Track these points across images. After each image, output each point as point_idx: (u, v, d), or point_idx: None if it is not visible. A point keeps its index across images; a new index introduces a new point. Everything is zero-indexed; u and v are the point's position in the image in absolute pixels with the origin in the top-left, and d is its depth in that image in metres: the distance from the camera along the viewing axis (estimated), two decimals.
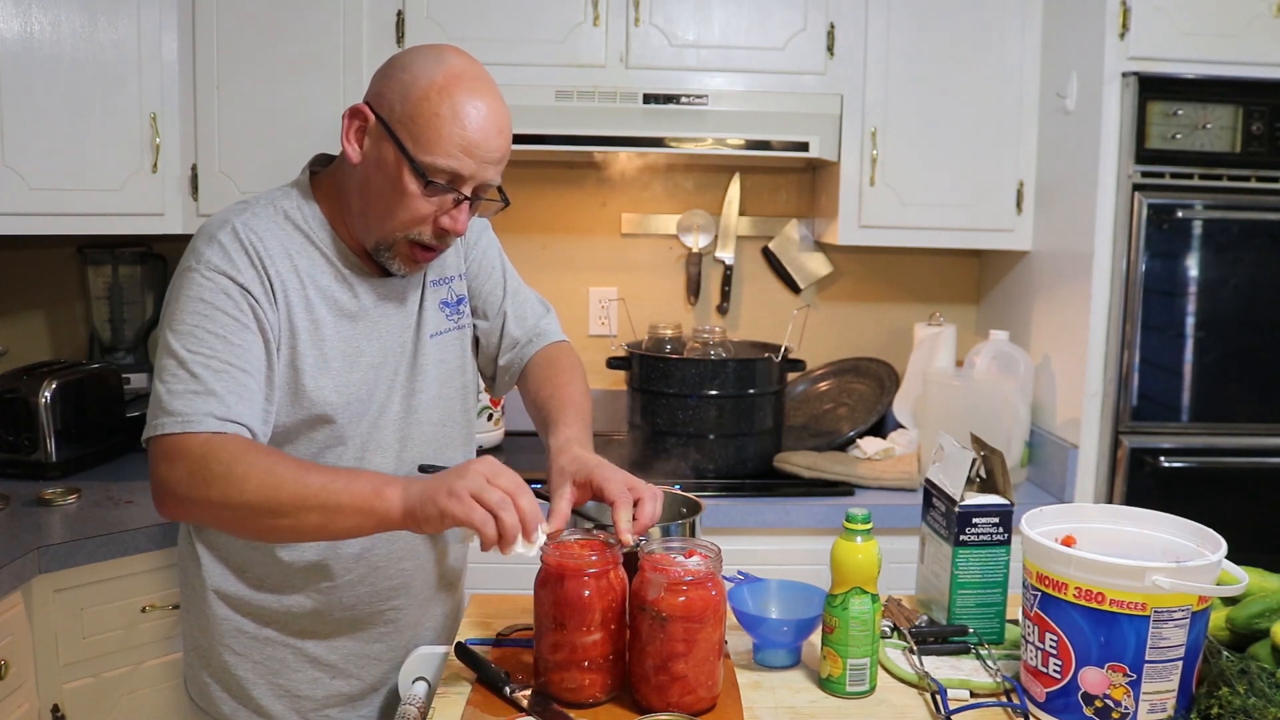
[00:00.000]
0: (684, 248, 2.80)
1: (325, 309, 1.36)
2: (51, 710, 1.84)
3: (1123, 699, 1.15)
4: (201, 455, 1.20)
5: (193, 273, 1.29)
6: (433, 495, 1.16)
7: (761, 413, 2.39)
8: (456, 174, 1.29)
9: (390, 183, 1.31)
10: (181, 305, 1.28)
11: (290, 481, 1.19)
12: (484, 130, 1.29)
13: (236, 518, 1.22)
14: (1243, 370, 2.21)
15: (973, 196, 2.46)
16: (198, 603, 1.43)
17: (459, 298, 1.54)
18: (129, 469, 2.34)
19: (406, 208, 1.31)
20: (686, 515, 1.49)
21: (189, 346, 1.25)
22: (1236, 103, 2.15)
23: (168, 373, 1.25)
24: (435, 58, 1.31)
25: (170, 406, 1.23)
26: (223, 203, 2.31)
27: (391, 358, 1.43)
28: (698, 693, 1.22)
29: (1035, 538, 1.22)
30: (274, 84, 2.32)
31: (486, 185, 1.34)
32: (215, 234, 1.32)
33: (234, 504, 1.19)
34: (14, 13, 2.06)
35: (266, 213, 1.36)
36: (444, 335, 1.51)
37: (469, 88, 1.29)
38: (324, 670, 1.44)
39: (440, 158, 1.28)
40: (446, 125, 1.27)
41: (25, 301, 2.67)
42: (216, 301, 1.27)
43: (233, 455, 1.21)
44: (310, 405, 1.34)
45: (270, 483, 1.18)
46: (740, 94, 2.38)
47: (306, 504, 1.18)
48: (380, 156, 1.32)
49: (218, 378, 1.24)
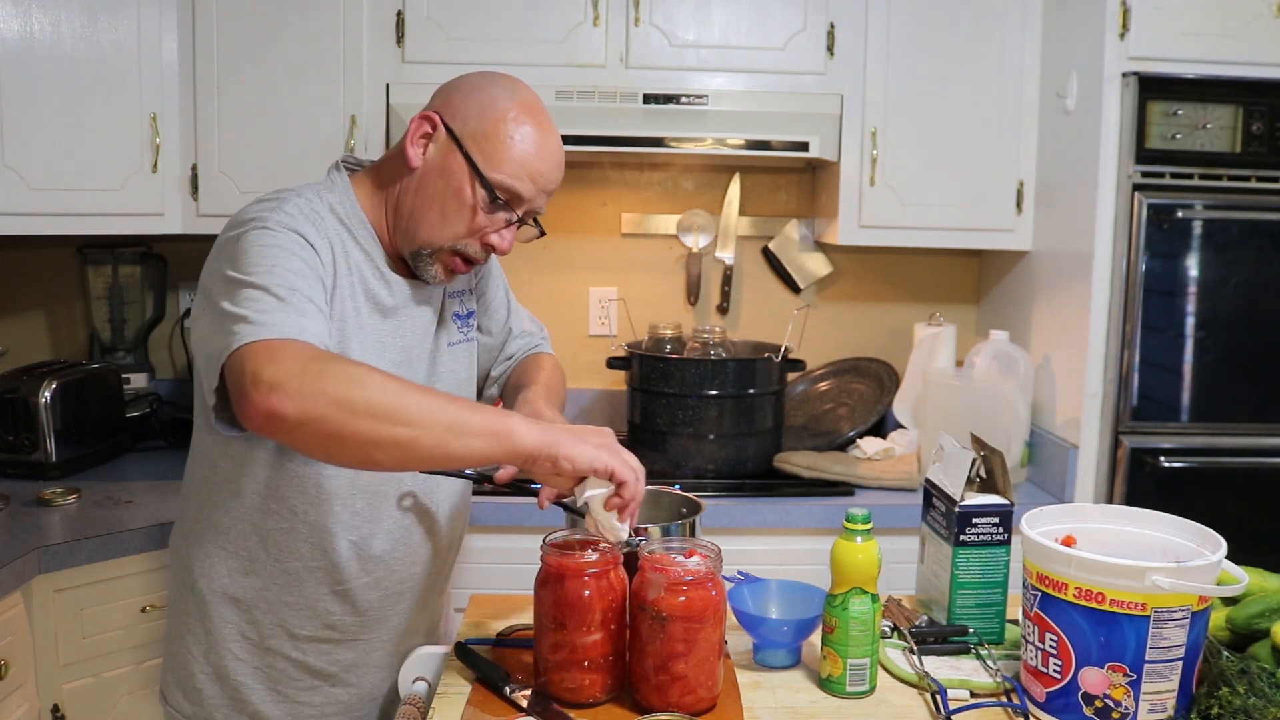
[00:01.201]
0: (684, 248, 2.80)
1: (364, 298, 1.38)
2: (51, 710, 1.84)
3: (1123, 699, 1.15)
4: (313, 354, 1.13)
5: (260, 228, 1.24)
6: (578, 438, 1.18)
7: (761, 413, 2.39)
8: (517, 195, 1.35)
9: (453, 192, 1.34)
10: (253, 253, 1.21)
11: (414, 391, 1.14)
12: (549, 161, 1.37)
13: (352, 419, 1.09)
14: (1243, 370, 2.21)
15: (973, 196, 2.46)
16: (197, 607, 1.43)
17: (469, 311, 1.59)
18: (129, 469, 2.34)
19: (463, 218, 1.35)
20: (686, 515, 1.49)
21: (272, 280, 1.18)
22: (1236, 103, 2.15)
23: (248, 300, 1.16)
24: (511, 86, 1.38)
25: (261, 320, 1.14)
26: (223, 203, 2.32)
27: (412, 360, 1.44)
28: (698, 693, 1.22)
29: (1035, 538, 1.22)
30: (274, 84, 2.32)
31: (534, 212, 1.40)
32: (277, 203, 1.30)
33: (354, 402, 1.08)
34: (14, 13, 2.06)
35: (315, 201, 1.36)
36: (458, 346, 1.55)
37: (540, 120, 1.36)
38: (323, 679, 1.44)
39: (508, 177, 1.34)
40: (519, 148, 1.34)
41: (25, 301, 2.67)
42: (291, 248, 1.24)
43: (345, 359, 1.17)
44: None
45: (394, 387, 1.12)
46: (740, 94, 2.38)
47: (433, 415, 1.11)
48: (445, 165, 1.35)
49: (303, 308, 1.18)
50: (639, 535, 1.35)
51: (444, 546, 1.53)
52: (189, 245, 2.63)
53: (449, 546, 1.56)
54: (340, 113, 2.32)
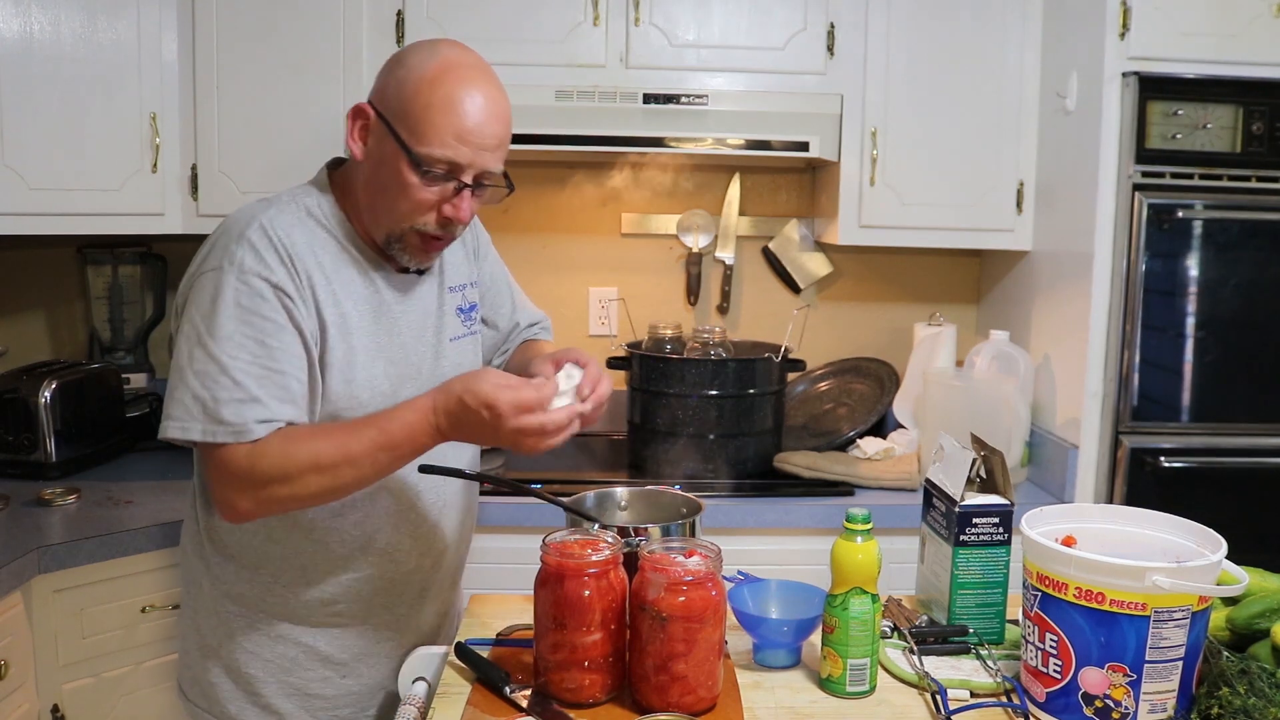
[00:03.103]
0: (684, 248, 2.80)
1: (350, 304, 1.38)
2: (51, 710, 1.84)
3: (1123, 699, 1.15)
4: (249, 465, 1.26)
5: (225, 274, 1.30)
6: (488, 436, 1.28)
7: (761, 413, 2.39)
8: (454, 162, 1.32)
9: (392, 176, 1.33)
10: (218, 309, 1.29)
11: (347, 438, 1.28)
12: (477, 117, 1.31)
13: (303, 499, 1.30)
14: (1243, 370, 2.21)
15: (973, 196, 2.46)
16: (207, 602, 1.43)
17: (471, 304, 1.59)
18: (129, 469, 2.34)
19: (408, 198, 1.33)
20: (686, 515, 1.49)
21: (230, 352, 1.27)
22: (1236, 103, 2.15)
23: (210, 378, 1.27)
24: (429, 51, 1.34)
25: (221, 415, 1.26)
26: (223, 202, 2.32)
27: (413, 357, 1.45)
28: (698, 693, 1.22)
29: (1035, 538, 1.22)
30: (274, 84, 2.32)
31: (488, 172, 1.36)
32: (244, 232, 1.32)
33: (297, 488, 1.27)
34: (14, 13, 2.06)
35: (290, 209, 1.37)
36: (461, 340, 1.55)
37: (461, 77, 1.31)
38: (334, 669, 1.45)
39: (435, 147, 1.30)
40: (439, 115, 1.30)
41: (25, 301, 2.67)
42: (252, 305, 1.29)
43: (277, 451, 1.27)
44: (334, 402, 1.36)
45: (328, 448, 1.27)
46: (740, 94, 2.38)
47: (368, 454, 1.28)
48: (382, 151, 1.34)
49: (259, 383, 1.28)
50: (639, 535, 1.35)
51: (454, 540, 1.54)
52: (189, 245, 2.59)
53: (460, 540, 1.57)
54: (340, 112, 2.32)
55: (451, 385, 1.28)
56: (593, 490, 1.57)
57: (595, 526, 1.38)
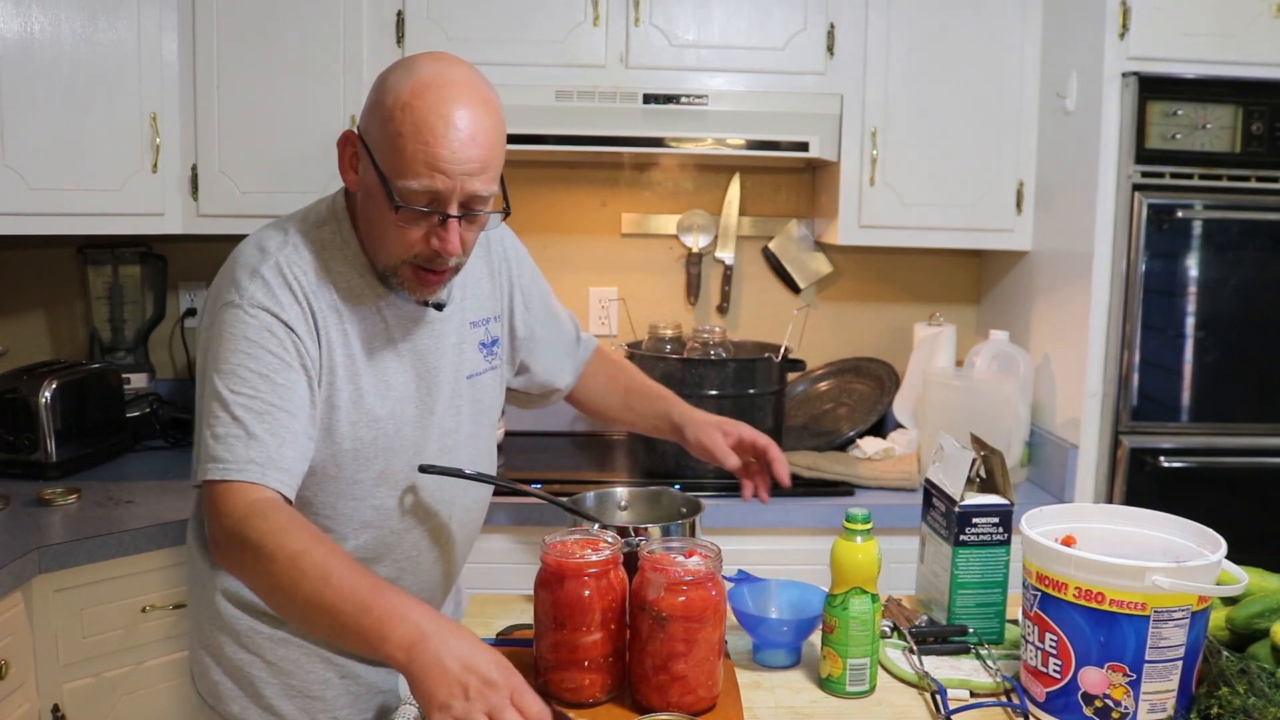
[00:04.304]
0: (684, 248, 2.80)
1: (360, 342, 1.34)
2: (51, 710, 1.84)
3: (1123, 699, 1.15)
4: (244, 516, 1.18)
5: (236, 309, 1.27)
6: (441, 696, 1.02)
7: (761, 413, 2.38)
8: (434, 192, 1.23)
9: (378, 209, 1.27)
10: (225, 344, 1.26)
11: (308, 584, 1.12)
12: (451, 143, 1.21)
13: (261, 591, 1.22)
14: (1243, 370, 2.21)
15: (973, 196, 2.46)
16: (209, 603, 1.43)
17: (494, 339, 1.53)
18: (129, 469, 2.34)
19: (396, 232, 1.26)
20: (686, 515, 1.49)
21: (232, 387, 1.24)
22: (1236, 103, 2.15)
23: (211, 415, 1.24)
24: (405, 72, 1.25)
25: (214, 452, 1.22)
26: (223, 203, 2.33)
27: (425, 396, 1.41)
28: (698, 693, 1.22)
29: (1035, 538, 1.22)
30: (274, 84, 2.32)
31: (476, 197, 1.26)
32: (258, 268, 1.29)
33: (260, 587, 1.20)
34: (14, 13, 2.06)
35: (305, 241, 1.34)
36: (482, 376, 1.50)
37: (437, 97, 1.21)
38: (335, 670, 1.45)
39: (411, 179, 1.22)
40: (410, 143, 1.20)
41: (25, 301, 2.67)
42: (260, 339, 1.26)
43: (269, 527, 1.17)
44: (339, 442, 1.34)
45: (292, 577, 1.13)
46: (740, 94, 2.38)
47: (316, 615, 1.12)
48: (368, 183, 1.28)
49: (260, 420, 1.23)
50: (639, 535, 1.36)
51: (459, 541, 1.54)
52: (189, 245, 2.63)
53: (464, 541, 1.56)
54: (340, 113, 2.32)
55: (452, 639, 1.05)
56: (593, 490, 1.58)
57: (595, 526, 1.38)
